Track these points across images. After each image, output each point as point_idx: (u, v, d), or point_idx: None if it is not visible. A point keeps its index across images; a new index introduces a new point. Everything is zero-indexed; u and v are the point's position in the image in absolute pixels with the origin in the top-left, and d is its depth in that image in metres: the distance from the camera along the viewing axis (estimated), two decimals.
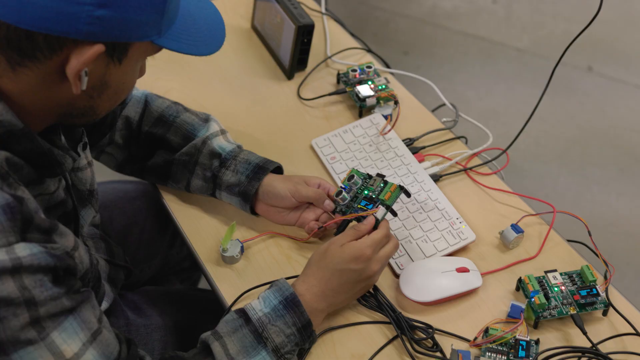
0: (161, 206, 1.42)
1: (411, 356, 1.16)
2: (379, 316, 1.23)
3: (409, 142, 1.49)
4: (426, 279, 1.24)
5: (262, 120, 1.55)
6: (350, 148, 1.47)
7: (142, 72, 1.07)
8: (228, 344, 1.11)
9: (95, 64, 0.93)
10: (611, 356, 1.15)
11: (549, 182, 2.71)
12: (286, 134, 1.53)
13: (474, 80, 3.12)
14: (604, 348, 1.18)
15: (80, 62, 0.90)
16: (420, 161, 1.44)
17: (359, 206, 1.25)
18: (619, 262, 2.39)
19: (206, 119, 1.40)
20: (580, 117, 2.98)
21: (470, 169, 1.46)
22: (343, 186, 1.29)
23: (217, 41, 1.07)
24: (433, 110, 1.62)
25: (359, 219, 1.23)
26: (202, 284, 1.81)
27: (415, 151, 1.46)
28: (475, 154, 1.48)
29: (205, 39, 1.04)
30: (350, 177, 1.29)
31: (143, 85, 1.40)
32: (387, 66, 1.69)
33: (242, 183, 1.31)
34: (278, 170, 1.36)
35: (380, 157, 1.45)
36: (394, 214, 1.25)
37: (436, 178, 1.42)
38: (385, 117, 1.51)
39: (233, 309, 1.18)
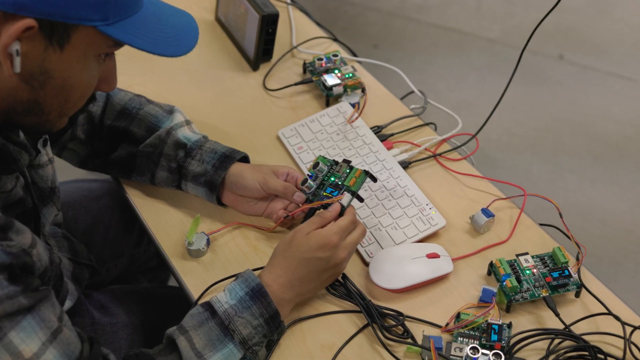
0: (127, 204, 1.39)
1: (382, 344, 1.14)
2: (348, 305, 1.20)
3: (377, 130, 1.47)
4: (396, 266, 1.22)
5: (227, 112, 1.53)
6: (317, 137, 1.45)
7: (108, 78, 1.02)
8: (194, 338, 1.08)
9: (30, 44, 0.88)
10: (584, 337, 1.14)
11: (522, 171, 2.70)
12: (252, 126, 1.50)
13: (445, 72, 3.11)
14: (577, 329, 1.16)
15: (7, 36, 0.86)
16: (389, 148, 1.42)
17: (324, 193, 1.23)
18: (594, 248, 2.38)
19: (170, 111, 1.37)
20: (553, 106, 2.97)
21: (440, 155, 1.44)
22: (309, 174, 1.26)
23: (183, 46, 1.01)
24: (402, 98, 1.60)
25: (325, 207, 1.21)
26: (172, 283, 1.78)
27: (383, 139, 1.44)
28: (444, 140, 1.47)
29: (168, 40, 0.99)
30: (315, 165, 1.26)
31: None
32: (354, 55, 1.67)
33: (208, 172, 1.28)
34: (244, 160, 1.34)
35: (348, 145, 1.42)
36: (361, 200, 1.23)
37: (405, 165, 1.40)
38: (353, 105, 1.49)
39: (200, 302, 1.16)
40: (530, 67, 3.09)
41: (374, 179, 1.25)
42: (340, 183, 1.23)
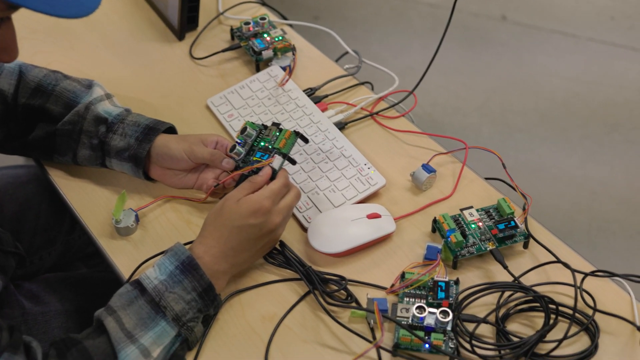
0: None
1: (325, 310, 1.08)
2: (288, 273, 1.15)
3: (311, 92, 1.41)
4: (335, 229, 1.17)
5: (153, 84, 1.46)
6: (248, 104, 1.38)
7: (7, 47, 0.94)
8: (123, 318, 1.02)
9: None
10: (535, 288, 1.10)
11: (471, 133, 2.66)
12: (180, 96, 1.43)
13: (389, 39, 3.06)
14: (526, 281, 1.12)
15: None
16: (324, 110, 1.37)
17: (254, 158, 1.17)
18: (547, 206, 2.38)
19: (89, 85, 1.30)
20: (498, 67, 2.94)
21: (377, 113, 1.38)
22: (238, 141, 1.20)
23: (85, 6, 0.91)
24: (337, 60, 1.54)
25: (256, 172, 1.14)
26: None
27: (317, 101, 1.39)
28: (381, 98, 1.41)
29: (67, 0, 0.91)
30: (243, 130, 1.20)
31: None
32: (284, 18, 1.60)
33: (131, 146, 1.21)
34: (171, 131, 1.27)
35: (280, 109, 1.36)
36: (293, 162, 1.17)
37: (341, 126, 1.35)
38: (284, 68, 1.43)
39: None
40: (474, 30, 3.05)
41: (305, 140, 1.19)
42: (270, 147, 1.17)
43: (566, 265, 1.12)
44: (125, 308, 1.02)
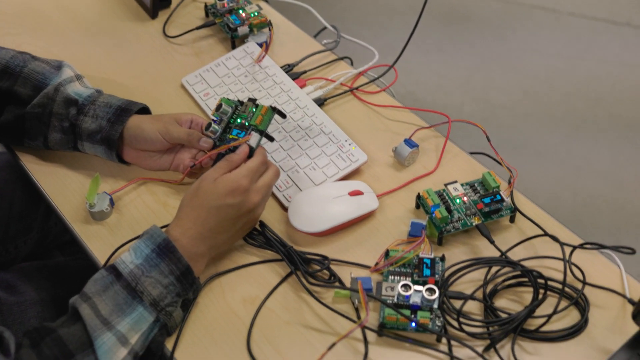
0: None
1: (308, 291, 1.05)
2: (269, 254, 1.11)
3: (288, 69, 1.37)
4: (316, 207, 1.13)
5: (126, 64, 1.41)
6: (224, 82, 1.34)
7: None
8: (98, 304, 0.98)
9: None
10: (522, 263, 1.07)
11: (453, 111, 2.63)
12: (154, 76, 1.39)
13: (367, 18, 3.02)
14: (514, 255, 1.09)
15: None
16: (302, 86, 1.33)
17: (231, 136, 1.13)
18: (532, 183, 2.36)
19: (58, 66, 1.25)
20: (480, 44, 2.91)
21: (357, 88, 1.35)
22: (213, 118, 1.16)
23: None
24: (315, 36, 1.50)
25: (232, 150, 1.11)
26: None
27: (295, 77, 1.35)
28: (361, 73, 1.38)
29: None
30: (218, 107, 1.15)
31: None
32: None
33: (103, 128, 1.17)
34: (144, 111, 1.23)
35: (257, 87, 1.33)
36: (271, 139, 1.13)
37: (320, 102, 1.31)
38: (260, 45, 1.39)
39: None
40: (455, 7, 3.01)
41: (283, 115, 1.15)
42: (246, 124, 1.13)
43: (554, 238, 1.09)
44: (100, 294, 0.99)
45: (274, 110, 1.14)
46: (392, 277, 1.06)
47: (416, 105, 1.34)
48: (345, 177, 1.20)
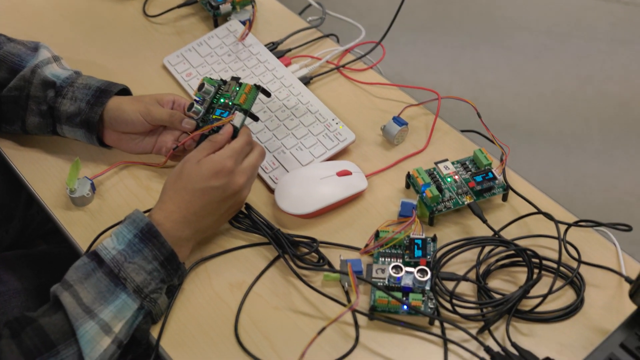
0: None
1: (296, 274, 1.02)
2: (256, 237, 1.08)
3: (273, 47, 1.34)
4: (304, 188, 1.10)
5: (105, 45, 1.37)
6: (207, 61, 1.31)
7: None
8: (80, 292, 0.94)
9: None
10: (516, 242, 1.04)
11: (442, 91, 2.58)
12: (134, 56, 1.35)
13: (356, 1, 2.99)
14: (507, 234, 1.06)
15: None
16: (287, 65, 1.30)
17: (214, 117, 1.09)
18: (523, 162, 2.33)
19: (35, 47, 1.22)
20: (467, 20, 2.88)
21: (343, 66, 1.31)
22: (196, 98, 1.12)
23: None
24: (300, 13, 1.47)
25: (216, 131, 1.07)
26: None
27: (280, 55, 1.32)
28: (347, 51, 1.34)
29: None
30: (201, 87, 1.12)
31: None
32: None
33: (83, 111, 1.13)
34: (125, 93, 1.19)
35: (241, 66, 1.29)
36: (255, 118, 1.10)
37: (306, 80, 1.28)
38: (243, 22, 1.36)
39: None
40: None
41: (267, 93, 1.12)
42: (230, 103, 1.10)
43: (548, 216, 1.07)
44: (82, 282, 0.95)
45: (258, 88, 1.10)
46: (383, 259, 1.04)
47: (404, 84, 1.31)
48: (333, 157, 1.17)
